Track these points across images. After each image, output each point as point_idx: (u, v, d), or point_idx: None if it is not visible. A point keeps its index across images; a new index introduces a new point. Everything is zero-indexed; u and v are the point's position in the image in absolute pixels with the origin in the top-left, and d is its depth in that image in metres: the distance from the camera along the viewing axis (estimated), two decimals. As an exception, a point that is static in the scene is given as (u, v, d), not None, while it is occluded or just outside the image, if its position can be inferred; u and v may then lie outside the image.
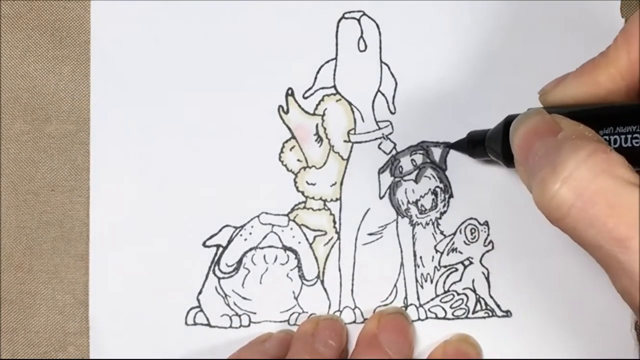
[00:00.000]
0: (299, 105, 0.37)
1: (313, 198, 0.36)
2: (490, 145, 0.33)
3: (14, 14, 0.38)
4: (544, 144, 0.25)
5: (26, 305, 0.36)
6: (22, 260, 0.37)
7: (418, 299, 0.36)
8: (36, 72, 0.37)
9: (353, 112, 0.37)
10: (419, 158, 0.36)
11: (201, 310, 0.36)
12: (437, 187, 0.36)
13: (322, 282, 0.36)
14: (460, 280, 0.36)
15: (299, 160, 0.37)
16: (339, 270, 0.36)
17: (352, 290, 0.36)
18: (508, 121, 0.30)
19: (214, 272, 0.36)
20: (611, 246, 0.22)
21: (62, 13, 0.37)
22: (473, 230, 0.36)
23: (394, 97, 0.37)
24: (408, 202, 0.36)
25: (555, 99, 0.30)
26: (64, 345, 0.36)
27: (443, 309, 0.36)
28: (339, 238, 0.36)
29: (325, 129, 0.37)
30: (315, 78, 0.37)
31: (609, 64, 0.28)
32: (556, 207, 0.23)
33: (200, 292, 0.36)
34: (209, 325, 0.36)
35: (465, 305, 0.36)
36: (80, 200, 0.37)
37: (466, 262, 0.36)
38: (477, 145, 0.34)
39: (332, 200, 0.36)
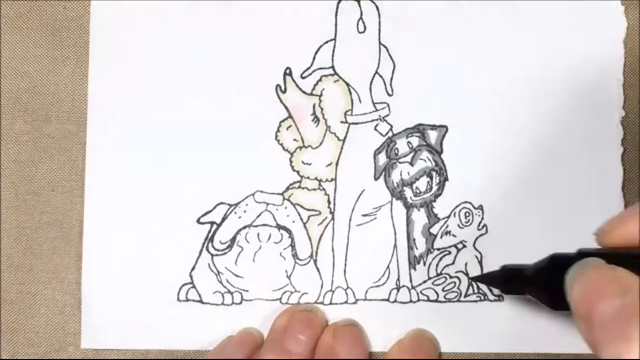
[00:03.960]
0: (297, 85, 0.37)
1: (308, 178, 0.36)
2: (531, 285, 0.31)
3: (14, 14, 0.38)
4: (611, 308, 0.24)
5: (26, 305, 0.36)
6: (22, 260, 0.37)
7: (410, 281, 0.36)
8: (36, 72, 0.37)
9: (350, 93, 0.37)
10: (415, 140, 0.36)
11: (194, 287, 0.36)
12: (433, 170, 0.36)
13: (315, 261, 0.36)
14: (453, 263, 0.36)
15: (295, 139, 0.37)
16: (332, 250, 0.36)
17: (344, 271, 0.36)
18: (554, 262, 0.29)
19: (207, 249, 0.36)
20: None
21: (62, 13, 0.38)
22: (467, 214, 0.36)
23: (391, 79, 0.37)
24: (403, 184, 0.36)
25: (614, 241, 0.27)
26: (64, 345, 0.36)
27: (435, 291, 0.36)
28: (333, 218, 0.36)
29: (322, 109, 0.37)
30: (314, 58, 0.37)
31: None
32: None
33: (193, 269, 0.36)
34: (201, 301, 0.36)
35: (458, 288, 0.36)
36: (80, 201, 0.37)
37: (459, 246, 0.36)
38: (512, 282, 0.32)
39: (327, 180, 0.36)
